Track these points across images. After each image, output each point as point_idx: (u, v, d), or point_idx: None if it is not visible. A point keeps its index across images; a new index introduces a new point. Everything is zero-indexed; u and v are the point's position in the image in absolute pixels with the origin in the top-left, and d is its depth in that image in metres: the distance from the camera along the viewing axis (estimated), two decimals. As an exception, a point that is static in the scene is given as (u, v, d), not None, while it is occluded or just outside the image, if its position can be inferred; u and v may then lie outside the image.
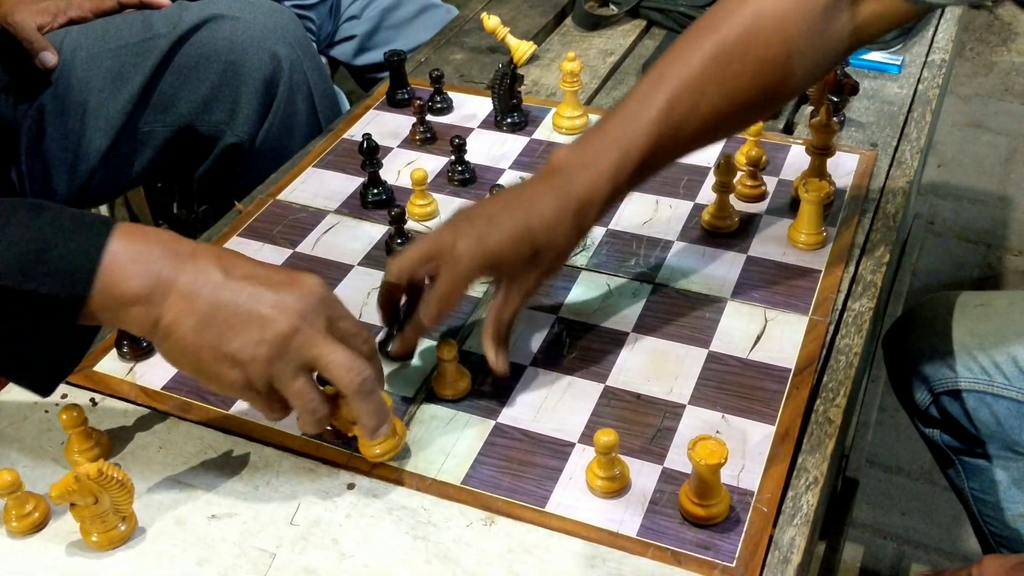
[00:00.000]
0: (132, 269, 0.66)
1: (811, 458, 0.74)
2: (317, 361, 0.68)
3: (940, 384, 1.03)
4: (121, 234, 0.66)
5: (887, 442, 1.66)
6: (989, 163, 2.34)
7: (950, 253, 2.10)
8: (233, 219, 1.03)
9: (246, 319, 0.67)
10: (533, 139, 1.12)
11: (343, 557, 0.68)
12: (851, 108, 1.15)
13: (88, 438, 0.75)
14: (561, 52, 1.30)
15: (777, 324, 0.86)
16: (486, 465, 0.75)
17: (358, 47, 1.55)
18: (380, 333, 0.83)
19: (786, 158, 1.06)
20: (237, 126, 1.18)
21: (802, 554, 0.68)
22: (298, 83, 1.18)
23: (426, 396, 0.81)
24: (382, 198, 1.03)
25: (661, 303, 0.89)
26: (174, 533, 0.71)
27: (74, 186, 1.14)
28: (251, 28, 1.16)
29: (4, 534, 0.71)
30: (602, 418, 0.78)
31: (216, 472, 0.75)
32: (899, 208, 0.99)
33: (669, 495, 0.72)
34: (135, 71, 1.14)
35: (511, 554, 0.68)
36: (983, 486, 1.05)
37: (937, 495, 1.59)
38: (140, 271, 0.66)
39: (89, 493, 0.66)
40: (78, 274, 0.64)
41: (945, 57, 1.24)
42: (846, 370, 0.82)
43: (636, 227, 0.98)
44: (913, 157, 1.07)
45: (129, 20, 1.15)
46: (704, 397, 0.80)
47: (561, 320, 0.88)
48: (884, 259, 0.93)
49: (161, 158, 1.20)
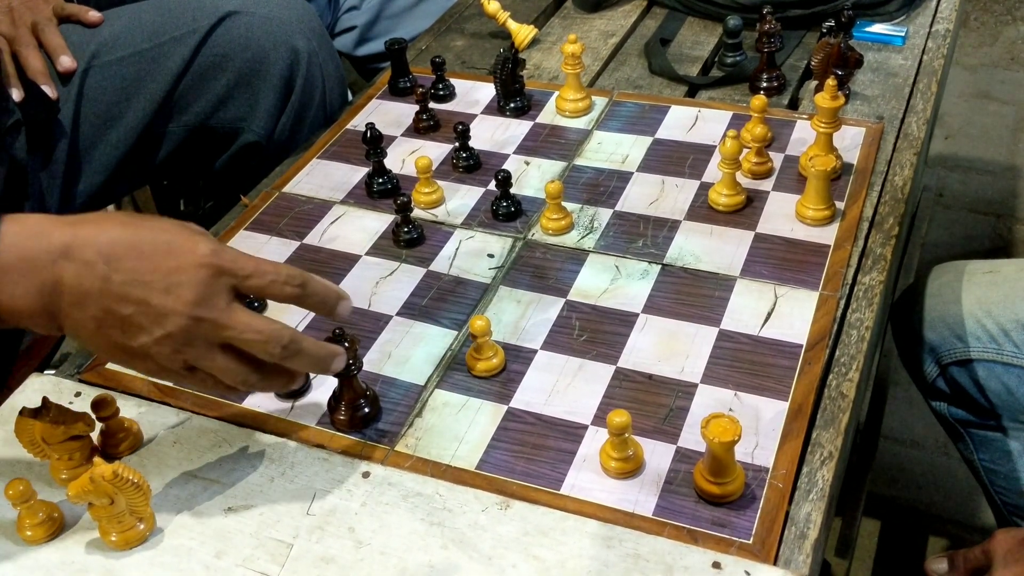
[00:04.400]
0: (20, 290, 0.63)
1: (825, 433, 0.74)
2: (230, 341, 0.66)
3: (949, 354, 1.02)
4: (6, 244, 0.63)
5: (901, 415, 1.66)
6: (996, 133, 2.32)
7: (959, 225, 2.09)
8: (239, 213, 1.03)
9: (142, 314, 0.64)
10: (537, 123, 1.12)
11: (360, 545, 0.69)
12: (856, 81, 1.14)
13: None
14: (562, 35, 1.30)
15: (787, 300, 0.86)
16: (500, 450, 0.75)
17: (359, 38, 1.54)
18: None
19: (792, 133, 1.06)
20: (255, 122, 1.15)
21: (819, 529, 0.68)
22: (314, 75, 1.16)
23: (438, 383, 0.81)
24: (387, 187, 1.03)
25: (670, 283, 0.89)
26: (192, 527, 0.71)
27: (84, 194, 1.13)
28: (268, 23, 1.13)
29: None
30: (614, 399, 0.78)
31: (231, 465, 0.75)
32: (907, 180, 0.99)
33: (684, 474, 0.72)
34: (151, 78, 1.11)
35: (527, 537, 0.68)
36: (994, 457, 1.05)
37: (952, 468, 1.59)
38: (26, 289, 0.63)
39: (104, 494, 0.66)
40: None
41: (949, 27, 1.23)
42: (858, 344, 0.81)
43: (643, 208, 0.98)
44: (920, 129, 1.06)
45: (139, 25, 1.12)
46: (716, 375, 0.79)
47: (570, 303, 0.88)
48: (893, 232, 0.92)
49: (175, 157, 1.18)
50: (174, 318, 0.64)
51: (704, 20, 1.31)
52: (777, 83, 1.14)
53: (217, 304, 0.65)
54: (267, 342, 0.66)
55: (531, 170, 1.05)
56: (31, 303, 0.64)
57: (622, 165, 1.04)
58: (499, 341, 0.84)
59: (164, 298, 0.64)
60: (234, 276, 0.66)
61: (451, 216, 1.00)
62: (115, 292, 0.64)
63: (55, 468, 0.75)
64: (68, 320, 0.65)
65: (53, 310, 0.65)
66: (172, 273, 0.64)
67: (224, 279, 0.65)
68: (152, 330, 0.64)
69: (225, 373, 0.67)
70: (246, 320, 0.66)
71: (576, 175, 1.03)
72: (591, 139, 1.09)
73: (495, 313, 0.87)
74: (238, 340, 0.66)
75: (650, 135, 1.08)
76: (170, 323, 0.64)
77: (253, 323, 0.66)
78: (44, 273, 0.63)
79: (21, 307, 0.64)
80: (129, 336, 0.65)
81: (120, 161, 1.12)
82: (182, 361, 0.66)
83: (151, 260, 0.64)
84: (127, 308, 0.64)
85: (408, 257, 0.95)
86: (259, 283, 0.67)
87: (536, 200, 1.00)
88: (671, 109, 1.12)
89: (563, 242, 0.95)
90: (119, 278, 0.64)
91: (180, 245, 0.65)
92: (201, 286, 0.64)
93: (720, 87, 1.16)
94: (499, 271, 0.92)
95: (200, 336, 0.65)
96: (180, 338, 0.65)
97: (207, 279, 0.65)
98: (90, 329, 0.65)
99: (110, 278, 0.64)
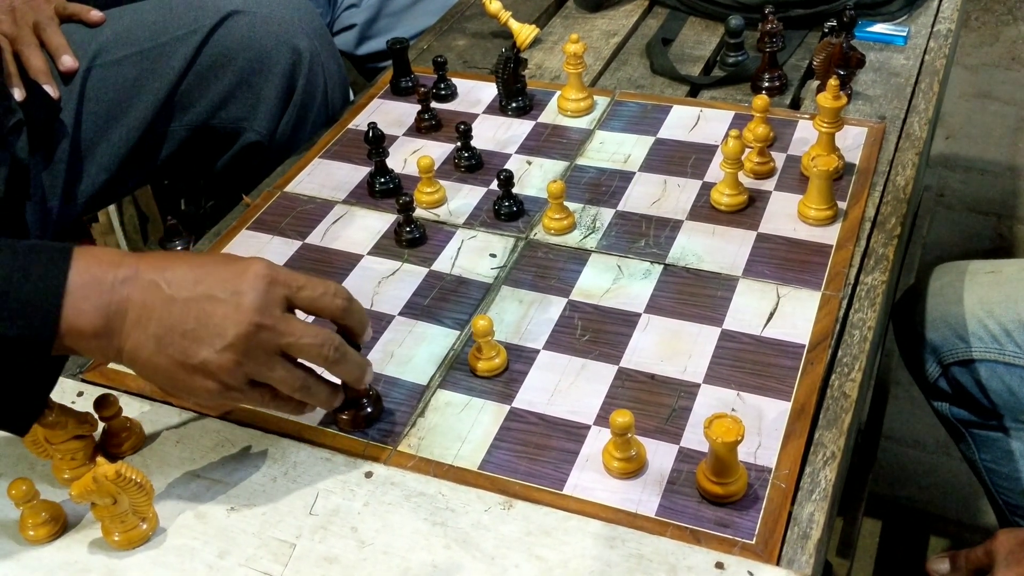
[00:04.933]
0: (86, 305, 0.65)
1: (828, 433, 0.74)
2: (287, 348, 0.69)
3: (950, 354, 1.02)
4: (76, 267, 0.65)
5: (903, 416, 1.66)
6: (998, 133, 2.32)
7: (961, 225, 2.09)
8: (241, 212, 1.03)
9: (204, 327, 0.66)
10: (538, 123, 1.12)
11: (363, 545, 0.69)
12: (858, 81, 1.14)
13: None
14: (564, 34, 1.30)
15: (790, 300, 0.86)
16: (502, 450, 0.75)
17: (359, 36, 1.54)
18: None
19: (794, 133, 1.06)
20: (257, 122, 1.15)
21: (822, 529, 0.68)
22: (316, 75, 1.16)
23: (440, 383, 0.81)
24: (390, 187, 1.02)
25: (672, 283, 0.89)
26: (194, 526, 0.71)
27: (85, 194, 1.13)
28: (270, 22, 1.13)
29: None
30: (617, 399, 0.78)
31: (234, 465, 0.75)
32: (909, 180, 0.99)
33: (686, 474, 0.72)
34: (153, 77, 1.10)
35: (530, 537, 0.68)
36: (995, 457, 1.05)
37: (954, 468, 1.59)
38: (93, 306, 0.65)
39: (107, 493, 0.67)
40: (42, 315, 0.64)
41: (951, 27, 1.23)
42: (860, 344, 0.81)
43: (645, 208, 0.98)
44: (921, 128, 1.06)
45: (140, 25, 1.12)
46: (718, 375, 0.79)
47: (572, 303, 0.88)
48: (895, 232, 0.92)
49: (177, 157, 1.18)
50: (237, 326, 0.66)
51: (706, 20, 1.31)
52: (779, 83, 1.14)
53: (274, 312, 0.68)
54: (322, 345, 0.69)
55: (533, 170, 1.05)
56: (95, 321, 0.65)
57: (624, 165, 1.04)
58: (501, 341, 0.84)
59: (226, 308, 0.66)
60: (288, 287, 0.69)
61: (453, 216, 1.00)
62: (178, 308, 0.66)
63: (58, 468, 0.75)
64: (128, 341, 0.67)
65: (115, 330, 0.66)
66: (232, 283, 0.67)
67: (279, 289, 0.68)
68: (215, 342, 0.66)
69: (284, 382, 0.69)
70: (302, 326, 0.69)
71: (578, 175, 1.03)
72: (593, 139, 1.08)
73: (497, 313, 0.87)
74: (295, 346, 0.68)
75: (652, 135, 1.08)
76: (232, 332, 0.66)
77: (308, 329, 0.69)
78: (111, 294, 0.66)
79: (84, 325, 0.65)
80: (191, 353, 0.66)
81: (122, 161, 1.12)
82: (243, 374, 0.68)
83: (211, 276, 0.68)
84: (190, 322, 0.66)
85: (410, 257, 0.95)
86: (311, 295, 0.70)
87: (538, 200, 1.00)
88: (673, 109, 1.12)
89: (565, 242, 0.95)
90: (183, 295, 0.67)
91: (237, 262, 0.69)
92: (260, 294, 0.67)
93: (722, 87, 1.16)
94: (501, 271, 0.92)
95: (260, 344, 0.67)
96: (242, 347, 0.67)
97: (265, 288, 0.67)
98: (150, 349, 0.67)
99: (174, 297, 0.67)
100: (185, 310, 0.66)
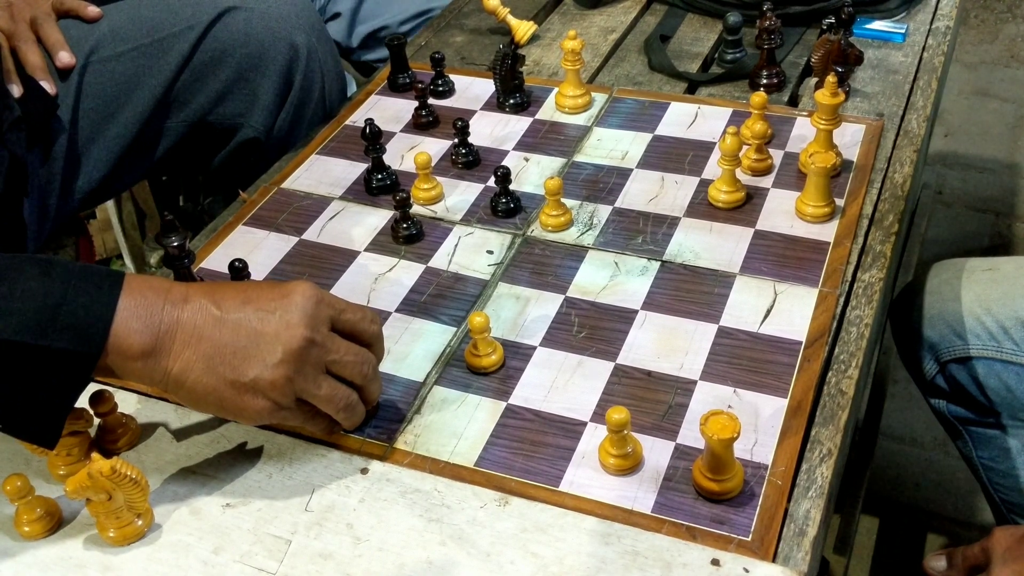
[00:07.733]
0: (136, 324, 0.66)
1: (824, 430, 0.74)
2: (333, 365, 0.70)
3: (948, 352, 1.02)
4: (128, 289, 0.67)
5: (900, 413, 1.66)
6: (996, 131, 2.32)
7: (959, 222, 2.09)
8: (238, 208, 1.03)
9: (255, 345, 0.67)
10: (536, 120, 1.12)
11: (358, 541, 0.69)
12: (856, 78, 1.14)
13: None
14: (562, 31, 1.29)
15: (787, 297, 0.86)
16: (498, 446, 0.75)
17: (348, 24, 1.52)
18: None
19: (792, 130, 1.06)
20: (254, 119, 1.15)
21: (818, 527, 0.68)
22: (313, 71, 1.16)
23: (437, 379, 0.81)
24: (387, 183, 1.02)
25: (669, 279, 0.89)
26: (189, 522, 0.71)
27: (83, 190, 1.12)
28: (267, 18, 1.13)
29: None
30: (613, 396, 0.78)
31: (230, 461, 0.75)
32: (907, 178, 0.98)
33: (683, 471, 0.72)
34: (150, 73, 1.10)
35: (525, 534, 0.68)
36: (993, 455, 1.05)
37: (951, 465, 1.59)
38: (143, 325, 0.66)
39: (102, 489, 0.66)
40: (92, 331, 0.65)
41: (950, 24, 1.23)
42: (857, 341, 0.81)
43: (642, 204, 0.98)
44: (920, 126, 1.06)
45: (137, 20, 1.12)
46: (715, 372, 0.79)
47: (569, 300, 0.88)
48: (893, 229, 0.92)
49: (174, 153, 1.17)
50: (288, 342, 0.68)
51: (704, 16, 1.30)
52: (777, 80, 1.13)
53: (322, 329, 0.70)
54: (362, 363, 0.72)
55: (530, 166, 1.05)
56: (143, 341, 0.66)
57: (622, 161, 1.04)
58: (498, 337, 0.84)
59: (277, 325, 0.68)
60: (332, 308, 0.71)
61: (450, 212, 1.00)
62: (229, 327, 0.68)
63: (53, 464, 0.74)
64: (178, 362, 0.67)
65: (164, 350, 0.67)
66: (281, 302, 0.69)
67: (326, 308, 0.70)
68: (267, 359, 0.67)
69: (329, 400, 0.71)
70: (345, 344, 0.71)
71: (575, 171, 1.03)
72: (591, 135, 1.08)
73: (494, 309, 0.87)
74: (340, 363, 0.71)
75: (650, 131, 1.08)
76: (283, 348, 0.67)
77: (351, 347, 0.71)
78: (162, 314, 0.67)
79: (133, 344, 0.66)
80: (242, 370, 0.67)
81: (119, 157, 1.12)
82: (293, 391, 0.69)
83: (260, 296, 0.70)
84: (241, 340, 0.67)
85: (407, 253, 0.95)
86: (352, 318, 0.72)
87: (535, 196, 1.00)
88: (671, 105, 1.12)
89: (562, 238, 0.95)
90: (233, 315, 0.68)
91: (283, 284, 0.71)
92: (310, 312, 0.69)
93: (720, 84, 1.16)
94: (498, 267, 0.92)
95: (310, 360, 0.69)
96: (293, 363, 0.68)
97: (314, 306, 0.69)
98: (199, 370, 0.67)
99: (224, 318, 0.68)
100: (236, 329, 0.68)
